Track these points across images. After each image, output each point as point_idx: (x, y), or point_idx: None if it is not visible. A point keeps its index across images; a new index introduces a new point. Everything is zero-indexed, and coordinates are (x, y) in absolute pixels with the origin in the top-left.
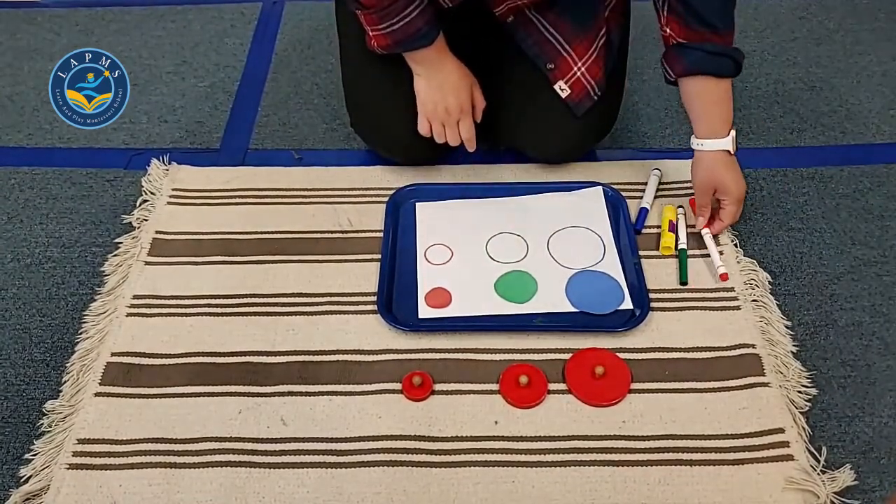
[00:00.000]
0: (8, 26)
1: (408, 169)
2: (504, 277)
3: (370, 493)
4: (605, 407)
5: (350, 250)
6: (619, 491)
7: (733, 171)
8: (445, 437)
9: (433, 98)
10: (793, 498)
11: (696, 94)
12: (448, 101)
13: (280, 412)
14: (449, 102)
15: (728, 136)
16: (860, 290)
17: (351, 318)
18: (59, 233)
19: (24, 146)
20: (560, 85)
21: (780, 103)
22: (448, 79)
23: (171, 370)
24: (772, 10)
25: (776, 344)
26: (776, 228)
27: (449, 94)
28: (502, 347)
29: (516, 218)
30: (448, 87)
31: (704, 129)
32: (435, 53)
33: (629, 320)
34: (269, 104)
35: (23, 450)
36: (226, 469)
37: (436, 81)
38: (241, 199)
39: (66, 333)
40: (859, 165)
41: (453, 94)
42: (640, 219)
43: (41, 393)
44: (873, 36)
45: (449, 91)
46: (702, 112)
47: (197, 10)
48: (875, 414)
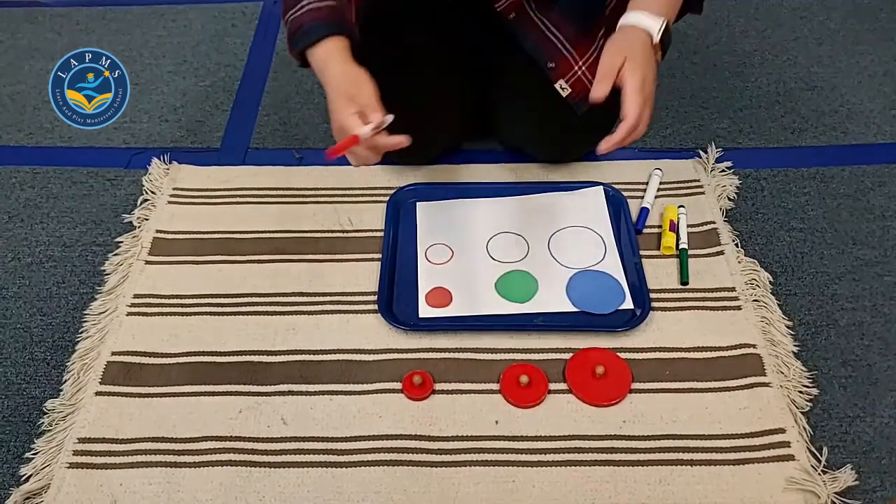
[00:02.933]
0: (9, 25)
1: (408, 169)
2: (505, 277)
3: (370, 492)
4: (606, 407)
5: (350, 250)
6: (620, 491)
7: (647, 65)
8: (446, 436)
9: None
10: (794, 498)
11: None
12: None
13: (280, 411)
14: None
15: (658, 20)
16: (861, 290)
17: (351, 317)
18: (59, 232)
19: (25, 145)
20: (561, 84)
21: (781, 103)
22: (330, 94)
23: (171, 369)
24: (773, 9)
25: (777, 344)
26: (777, 228)
27: (332, 111)
28: (503, 347)
29: (517, 217)
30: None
31: (639, 3)
32: (321, 57)
33: (630, 320)
34: (270, 103)
35: (23, 448)
36: (226, 468)
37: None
38: (242, 199)
39: (67, 332)
40: (861, 165)
41: (333, 112)
42: (641, 218)
43: (42, 392)
44: (874, 36)
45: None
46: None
47: (198, 9)
48: (876, 414)
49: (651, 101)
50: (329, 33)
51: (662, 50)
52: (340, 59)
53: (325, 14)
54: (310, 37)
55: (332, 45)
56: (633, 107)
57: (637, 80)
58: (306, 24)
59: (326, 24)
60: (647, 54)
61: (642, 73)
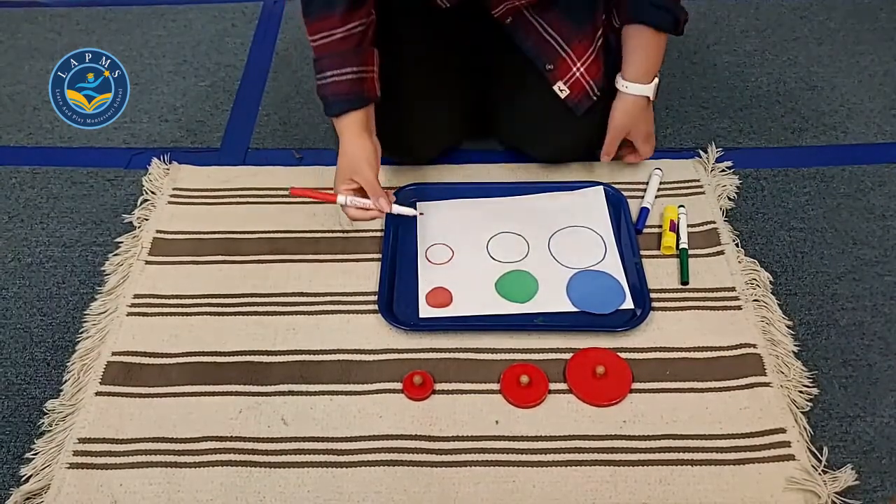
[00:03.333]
0: (8, 25)
1: (408, 169)
2: (505, 277)
3: (371, 492)
4: (606, 407)
5: (351, 250)
6: (620, 491)
7: (648, 116)
8: (446, 436)
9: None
10: (794, 498)
11: (635, 40)
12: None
13: (281, 412)
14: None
15: (651, 84)
16: (862, 290)
17: (352, 317)
18: (59, 232)
19: (25, 145)
20: (559, 85)
21: (781, 103)
22: (339, 161)
23: (171, 369)
24: (773, 9)
25: (777, 344)
26: (777, 228)
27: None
28: (503, 347)
29: (517, 217)
30: (337, 169)
31: (633, 73)
32: (339, 128)
33: (630, 320)
34: (270, 103)
35: (23, 449)
36: (226, 468)
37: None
38: (242, 199)
39: (67, 333)
40: (861, 165)
41: (338, 177)
42: (641, 218)
43: (42, 392)
44: (875, 35)
45: (336, 174)
46: (635, 58)
47: (198, 9)
48: (876, 414)
49: (653, 135)
50: (349, 108)
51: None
52: (356, 132)
53: (347, 88)
54: (331, 109)
55: (350, 119)
56: (644, 153)
57: (642, 135)
58: (329, 97)
59: (346, 100)
60: (647, 113)
61: (646, 129)
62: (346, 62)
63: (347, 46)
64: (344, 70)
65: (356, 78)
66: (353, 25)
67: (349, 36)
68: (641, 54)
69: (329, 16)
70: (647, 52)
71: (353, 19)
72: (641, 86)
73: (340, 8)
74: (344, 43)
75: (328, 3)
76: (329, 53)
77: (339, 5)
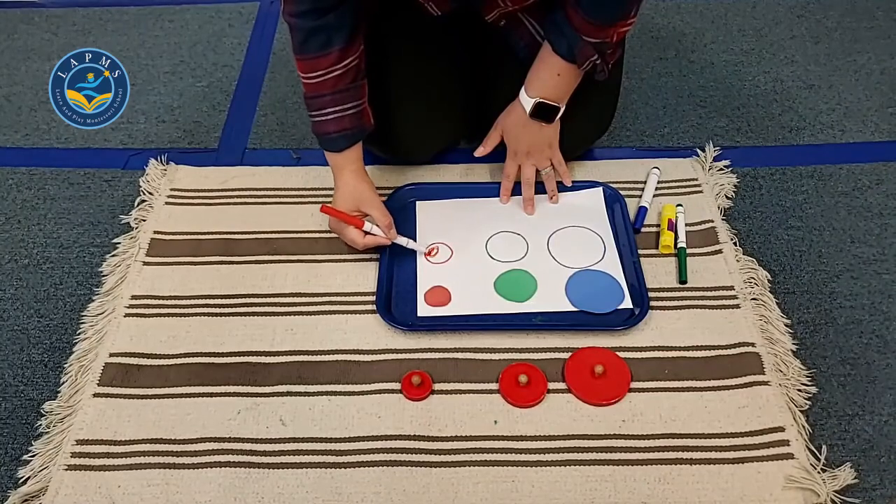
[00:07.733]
0: (6, 26)
1: (408, 169)
2: (504, 276)
3: (369, 492)
4: (605, 406)
5: (349, 250)
6: (619, 490)
7: (530, 132)
8: (445, 436)
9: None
10: (793, 496)
11: (540, 55)
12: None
13: (279, 412)
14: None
15: (532, 99)
16: (859, 289)
17: (350, 317)
18: (57, 233)
19: (22, 146)
20: None
21: (778, 101)
22: (336, 194)
23: (169, 370)
24: (770, 8)
25: (776, 342)
26: (775, 227)
27: (335, 203)
28: (502, 347)
29: (516, 217)
30: (335, 200)
31: (526, 82)
32: (338, 163)
33: (629, 319)
34: (268, 104)
35: (21, 451)
36: (225, 469)
37: (335, 193)
38: (240, 199)
39: (65, 334)
40: (858, 163)
41: (340, 207)
42: (640, 218)
43: (39, 394)
44: (871, 34)
45: (336, 202)
46: (532, 70)
47: (195, 9)
48: (875, 412)
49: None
50: (353, 143)
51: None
52: (357, 164)
53: (349, 123)
54: (335, 145)
55: (351, 152)
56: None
57: (511, 146)
58: (332, 133)
59: (350, 135)
60: (523, 124)
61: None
62: (347, 98)
63: (345, 83)
64: (346, 106)
65: (356, 112)
66: (349, 61)
67: (346, 72)
68: (539, 71)
69: (326, 55)
70: (545, 71)
71: (348, 55)
72: (525, 97)
73: (337, 47)
74: (342, 80)
75: (326, 44)
76: (329, 91)
77: (336, 45)
